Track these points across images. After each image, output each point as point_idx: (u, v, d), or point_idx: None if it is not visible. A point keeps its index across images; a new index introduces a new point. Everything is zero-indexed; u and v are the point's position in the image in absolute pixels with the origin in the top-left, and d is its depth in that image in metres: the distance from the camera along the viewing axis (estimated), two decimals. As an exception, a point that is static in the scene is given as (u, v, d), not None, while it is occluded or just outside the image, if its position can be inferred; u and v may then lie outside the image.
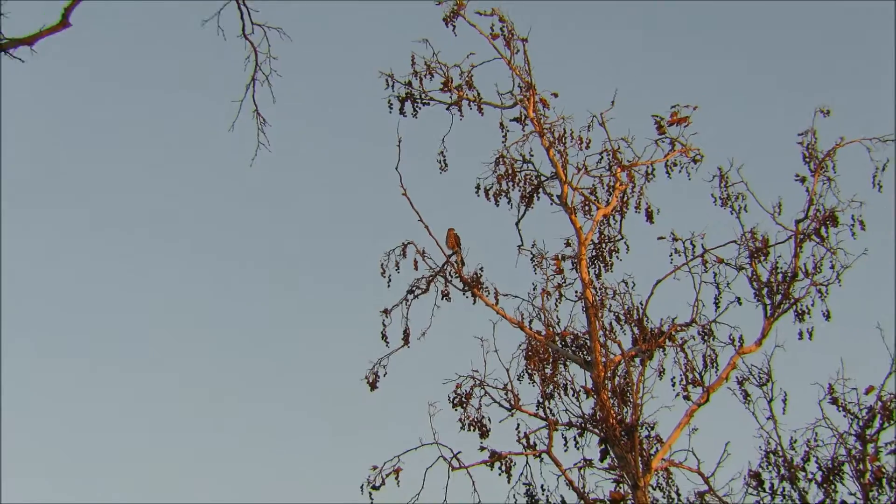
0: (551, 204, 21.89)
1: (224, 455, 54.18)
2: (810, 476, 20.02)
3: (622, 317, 21.10)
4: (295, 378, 54.86)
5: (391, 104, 21.82)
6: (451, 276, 21.20)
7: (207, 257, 58.96)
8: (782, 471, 20.09)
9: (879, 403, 19.85)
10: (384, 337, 21.09)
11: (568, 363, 20.85)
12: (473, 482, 20.21)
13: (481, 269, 21.22)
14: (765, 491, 20.12)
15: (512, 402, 20.55)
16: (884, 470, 19.78)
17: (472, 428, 20.65)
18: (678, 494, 20.23)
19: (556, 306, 21.47)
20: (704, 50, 57.83)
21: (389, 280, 21.28)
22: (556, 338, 21.00)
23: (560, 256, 21.60)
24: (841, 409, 20.06)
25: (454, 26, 21.74)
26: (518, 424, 20.56)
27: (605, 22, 57.26)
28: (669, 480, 20.25)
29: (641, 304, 21.00)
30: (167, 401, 55.69)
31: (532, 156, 21.92)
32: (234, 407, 55.24)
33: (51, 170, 58.25)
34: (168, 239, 58.79)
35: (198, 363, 56.54)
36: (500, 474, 20.37)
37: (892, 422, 19.93)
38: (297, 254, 57.43)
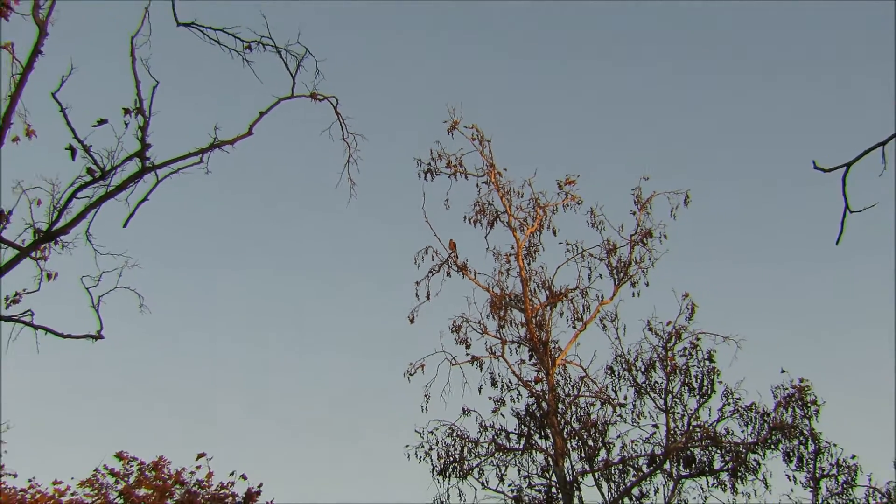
0: (503, 227, 22.43)
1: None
2: (639, 368, 20.93)
3: (540, 285, 21.95)
4: (367, 320, 55.52)
5: (420, 174, 22.41)
6: (451, 264, 21.93)
7: (316, 251, 59.76)
8: (624, 365, 20.99)
9: (674, 329, 20.81)
10: (417, 295, 21.84)
11: (512, 309, 21.62)
12: (463, 372, 21.14)
13: (467, 260, 22.18)
14: (615, 376, 20.98)
15: (483, 330, 21.49)
16: (677, 365, 20.75)
17: (462, 343, 21.48)
18: (569, 377, 21.05)
19: (506, 279, 22.07)
20: (596, 144, 58.08)
21: (419, 265, 22.05)
22: (506, 296, 21.67)
23: (508, 254, 22.22)
24: (654, 333, 20.99)
25: (452, 134, 22.45)
26: (486, 341, 21.55)
27: (535, 121, 57.78)
28: (565, 370, 21.05)
29: (550, 278, 22.01)
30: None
31: (492, 201, 22.46)
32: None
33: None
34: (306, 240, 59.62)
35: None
36: (476, 368, 21.33)
37: (681, 339, 20.90)
38: (364, 251, 58.08)
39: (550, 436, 20.29)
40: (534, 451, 20.61)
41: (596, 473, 20.22)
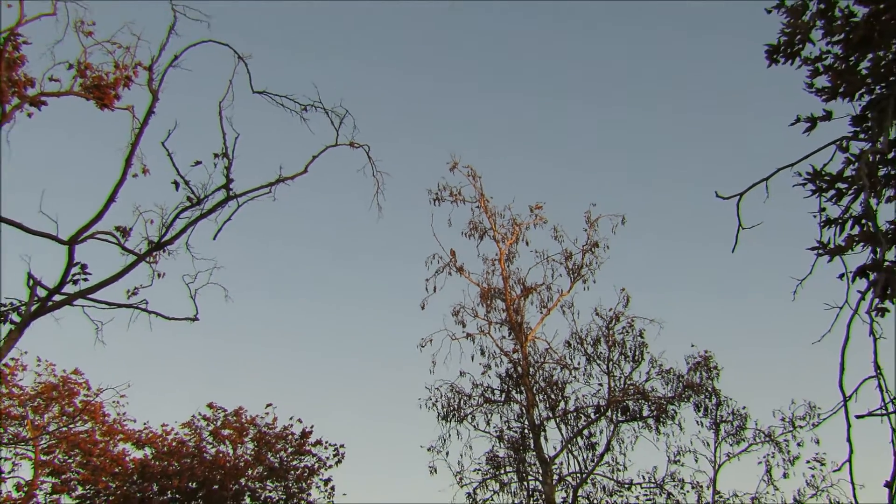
0: (490, 239, 22.18)
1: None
2: (588, 342, 20.67)
3: (517, 281, 21.70)
4: (389, 306, 55.35)
5: (430, 201, 22.08)
6: (452, 266, 21.73)
7: (353, 258, 59.61)
8: (577, 340, 20.71)
9: (614, 314, 20.63)
10: (426, 289, 21.57)
11: (496, 299, 21.47)
12: (460, 345, 20.99)
13: (463, 263, 21.86)
14: (571, 348, 20.67)
15: (475, 314, 21.30)
16: (616, 340, 20.59)
17: (459, 324, 21.28)
18: (538, 349, 20.89)
19: (492, 277, 21.84)
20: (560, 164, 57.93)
21: (428, 267, 21.80)
22: (492, 289, 21.55)
23: (493, 259, 21.99)
24: (600, 317, 20.76)
25: (452, 171, 22.26)
26: (477, 322, 21.32)
27: (512, 152, 57.84)
28: (534, 344, 20.90)
29: (524, 277, 21.81)
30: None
31: (482, 221, 22.14)
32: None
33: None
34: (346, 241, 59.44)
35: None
36: (470, 341, 21.14)
37: (619, 321, 20.74)
38: (389, 256, 57.99)
39: (524, 391, 20.25)
40: (512, 403, 20.53)
41: (557, 419, 20.19)
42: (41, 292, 11.81)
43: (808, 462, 19.83)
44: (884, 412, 5.34)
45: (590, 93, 61.09)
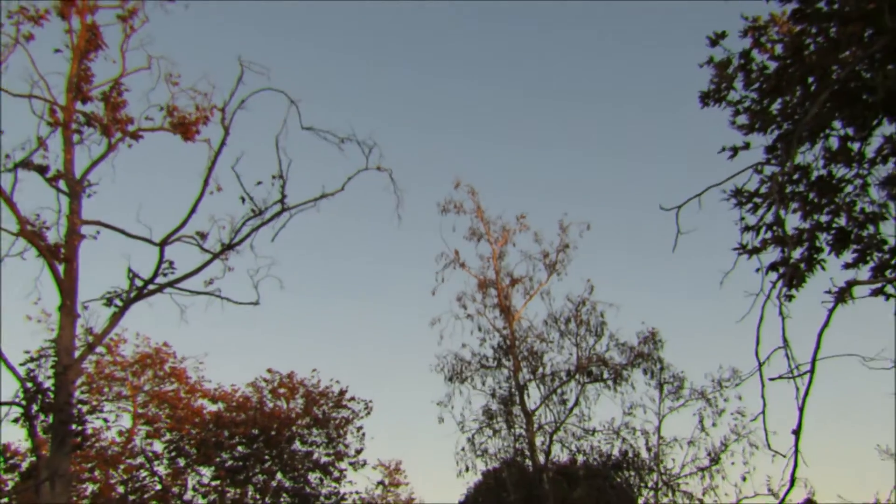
0: (485, 242, 21.71)
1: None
2: (561, 321, 20.35)
3: (506, 274, 21.37)
4: (406, 293, 55.06)
5: (440, 212, 21.67)
6: (456, 262, 21.46)
7: (378, 264, 59.45)
8: (553, 319, 20.40)
9: (581, 299, 20.24)
10: (436, 279, 21.36)
11: (490, 288, 21.17)
12: (462, 323, 20.77)
13: (464, 260, 21.55)
14: (548, 326, 20.41)
15: (474, 299, 21.10)
16: (583, 320, 20.27)
17: (462, 307, 20.99)
18: (522, 326, 20.70)
19: (487, 271, 21.46)
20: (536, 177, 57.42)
21: (437, 262, 21.53)
22: (487, 280, 21.22)
23: (488, 257, 21.61)
24: (570, 301, 20.50)
25: (456, 188, 21.82)
26: (475, 306, 21.03)
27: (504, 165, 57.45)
28: (520, 322, 20.66)
29: (511, 271, 21.44)
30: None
31: (479, 227, 21.67)
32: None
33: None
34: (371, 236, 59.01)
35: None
36: (470, 320, 20.85)
37: (585, 304, 20.34)
38: (406, 255, 57.72)
39: (511, 359, 20.17)
40: (502, 368, 20.43)
41: (537, 381, 20.09)
42: (138, 283, 11.94)
43: (732, 414, 19.73)
44: (790, 376, 5.39)
45: (590, 94, 59.52)
